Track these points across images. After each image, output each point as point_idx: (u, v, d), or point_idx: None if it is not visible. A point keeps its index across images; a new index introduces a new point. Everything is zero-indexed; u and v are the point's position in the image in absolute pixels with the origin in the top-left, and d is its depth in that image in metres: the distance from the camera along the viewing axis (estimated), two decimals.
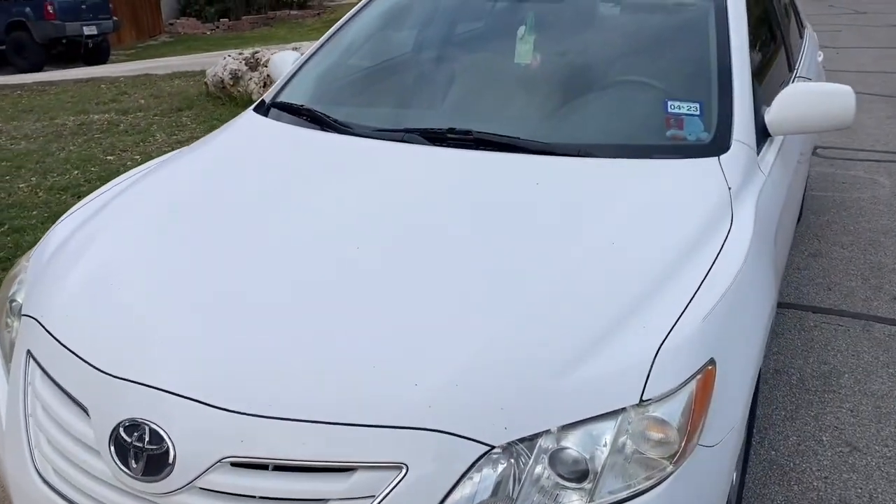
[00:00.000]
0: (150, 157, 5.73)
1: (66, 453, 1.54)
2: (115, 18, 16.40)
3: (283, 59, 2.99)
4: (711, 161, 2.04)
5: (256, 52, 7.68)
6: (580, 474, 1.37)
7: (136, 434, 1.43)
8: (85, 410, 1.52)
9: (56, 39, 14.59)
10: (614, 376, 1.41)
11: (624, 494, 1.37)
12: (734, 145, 2.10)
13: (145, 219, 2.00)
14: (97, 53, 15.95)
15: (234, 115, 7.07)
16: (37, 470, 1.60)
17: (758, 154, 2.19)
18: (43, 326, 1.69)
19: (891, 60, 9.44)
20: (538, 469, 1.37)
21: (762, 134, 2.26)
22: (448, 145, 2.19)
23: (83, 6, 15.32)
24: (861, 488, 2.40)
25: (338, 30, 2.96)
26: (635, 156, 2.07)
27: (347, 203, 1.92)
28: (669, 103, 2.22)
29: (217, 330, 1.53)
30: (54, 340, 1.64)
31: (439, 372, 1.40)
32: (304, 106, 2.56)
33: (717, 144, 2.10)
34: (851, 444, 2.60)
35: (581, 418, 1.38)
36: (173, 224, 1.94)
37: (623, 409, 1.39)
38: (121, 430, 1.44)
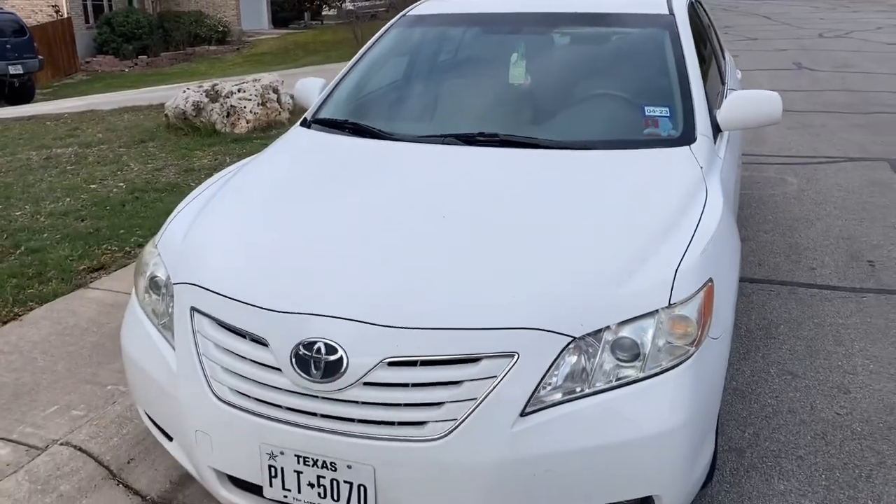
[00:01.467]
0: (134, 184, 6.12)
1: (247, 375, 2.03)
2: (40, 57, 16.34)
3: (309, 85, 3.53)
4: (685, 149, 2.71)
5: (216, 85, 8.10)
6: (633, 356, 1.98)
7: (313, 349, 1.94)
8: (262, 342, 2.02)
9: None
10: (650, 288, 2.03)
11: (663, 366, 1.98)
12: (699, 138, 2.78)
13: (260, 197, 2.54)
14: (22, 93, 15.84)
15: (200, 145, 7.53)
16: (214, 393, 2.08)
17: (714, 144, 2.88)
18: (205, 288, 2.18)
19: (782, 80, 10.64)
20: (604, 355, 1.96)
21: (715, 130, 2.96)
22: (479, 145, 2.79)
23: (7, 45, 15.25)
24: (803, 402, 3.10)
25: (360, 59, 3.54)
26: (629, 147, 2.73)
27: (422, 182, 2.50)
28: (646, 108, 2.90)
29: (360, 268, 2.07)
30: (221, 296, 2.13)
31: (533, 289, 1.99)
32: (348, 120, 3.12)
33: (687, 137, 2.78)
34: (792, 372, 3.31)
35: (630, 317, 1.98)
36: (288, 199, 2.49)
37: (658, 311, 2.01)
38: (301, 348, 1.95)
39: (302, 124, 3.26)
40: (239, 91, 7.88)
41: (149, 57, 26.43)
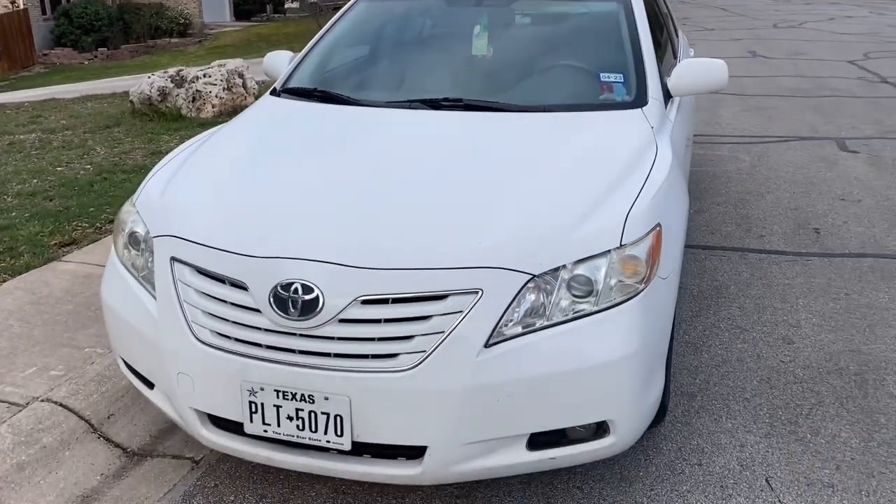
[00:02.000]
0: (101, 167, 6.15)
1: (227, 317, 2.15)
2: None
3: (277, 56, 3.65)
4: (638, 111, 2.89)
5: (181, 71, 8.12)
6: (587, 292, 2.14)
7: (291, 290, 2.07)
8: (241, 286, 2.14)
9: None
10: (603, 231, 2.19)
11: (615, 301, 2.14)
12: (650, 101, 2.96)
13: (235, 157, 2.67)
14: None
15: (166, 129, 7.56)
16: (195, 336, 2.19)
17: (665, 108, 3.06)
18: (184, 239, 2.29)
19: (738, 67, 10.94)
20: (561, 292, 2.12)
21: (666, 96, 3.14)
22: (445, 109, 2.94)
23: None
24: (751, 352, 3.30)
25: (327, 31, 3.65)
26: (586, 109, 2.90)
27: (389, 141, 2.65)
28: (602, 75, 3.07)
29: (333, 215, 2.21)
30: (200, 245, 2.25)
31: (495, 232, 2.14)
32: (317, 88, 3.24)
33: (639, 101, 2.96)
34: (741, 327, 3.52)
35: (585, 256, 2.14)
36: (261, 157, 2.62)
37: (610, 251, 2.17)
38: (279, 289, 2.08)
39: (272, 93, 3.37)
40: (204, 76, 7.92)
41: (109, 49, 26.04)
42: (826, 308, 3.67)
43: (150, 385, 2.45)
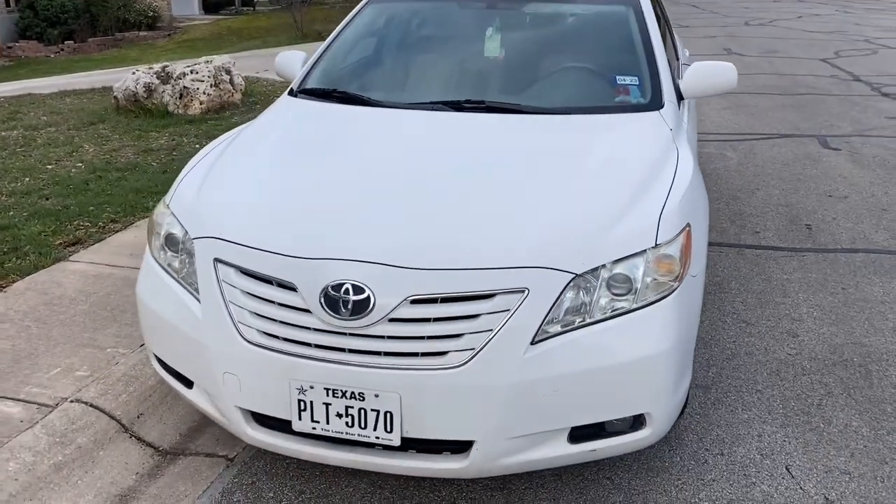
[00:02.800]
0: (92, 164, 6.09)
1: (275, 317, 2.19)
2: None
3: (291, 56, 3.67)
4: (655, 114, 2.98)
5: (167, 66, 8.05)
6: (626, 290, 2.22)
7: (341, 290, 2.12)
8: (290, 287, 2.18)
9: None
10: (639, 231, 2.28)
11: (651, 299, 2.23)
12: (666, 104, 3.05)
13: (267, 156, 2.72)
14: None
15: (154, 126, 7.51)
16: (242, 337, 2.23)
17: (679, 110, 3.16)
18: (227, 240, 2.32)
19: None
20: (601, 290, 2.20)
21: (679, 98, 3.24)
22: (467, 111, 3.00)
23: None
24: (758, 346, 3.42)
25: (339, 33, 3.69)
26: (604, 112, 2.98)
27: (421, 142, 2.71)
28: (618, 77, 3.15)
29: (378, 215, 2.27)
30: (245, 247, 2.28)
31: (538, 233, 2.21)
32: (336, 89, 3.28)
33: (656, 103, 3.04)
34: (746, 321, 3.64)
35: (623, 255, 2.22)
36: (296, 156, 2.69)
37: (646, 250, 2.25)
38: (329, 290, 2.13)
39: (290, 94, 3.40)
40: (191, 72, 7.86)
41: (76, 42, 25.53)
42: (825, 302, 3.81)
43: (189, 384, 2.48)
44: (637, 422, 2.27)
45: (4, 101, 9.90)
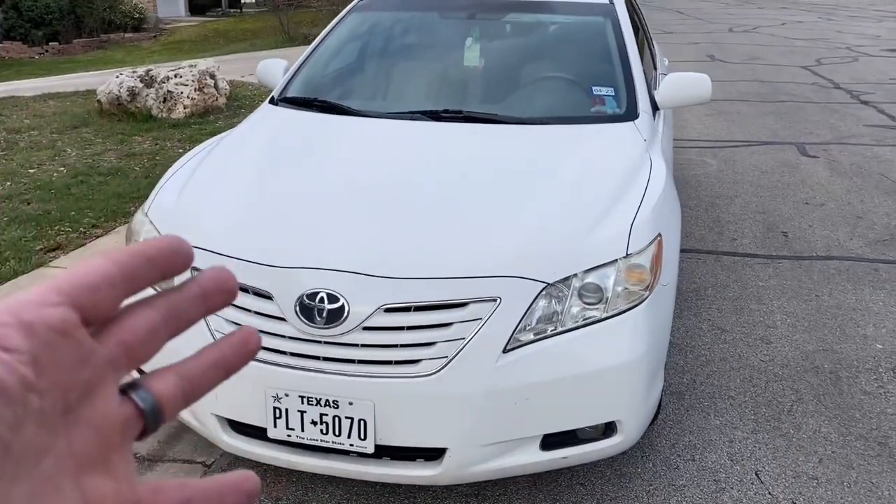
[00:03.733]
0: (75, 169, 6.08)
1: (252, 326, 2.22)
2: None
3: (272, 64, 3.69)
4: (630, 124, 3.02)
5: (150, 70, 8.04)
6: (597, 300, 2.26)
7: (316, 299, 2.15)
8: (265, 295, 2.21)
9: None
10: (610, 240, 2.32)
11: (622, 308, 2.27)
12: (641, 114, 3.10)
13: (245, 165, 2.74)
14: None
15: (137, 130, 7.49)
16: None
17: (654, 120, 3.21)
18: (204, 249, 2.34)
19: (698, 70, 11.21)
20: (573, 299, 2.24)
21: (654, 108, 3.29)
22: (445, 121, 3.03)
23: None
24: (732, 352, 3.47)
25: (320, 42, 3.71)
26: (580, 122, 3.02)
27: (397, 152, 2.74)
28: (594, 88, 3.20)
29: (352, 225, 2.29)
30: (221, 256, 2.30)
31: (510, 242, 2.25)
32: (317, 98, 3.31)
33: (630, 114, 3.09)
34: (721, 328, 3.69)
35: (594, 265, 2.27)
36: (272, 166, 2.70)
37: (617, 260, 2.30)
38: (304, 298, 2.15)
39: (270, 102, 3.42)
40: (175, 76, 7.86)
41: (60, 44, 25.38)
42: (799, 309, 3.87)
43: None
44: (609, 429, 2.31)
45: None
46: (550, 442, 2.26)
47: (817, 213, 5.27)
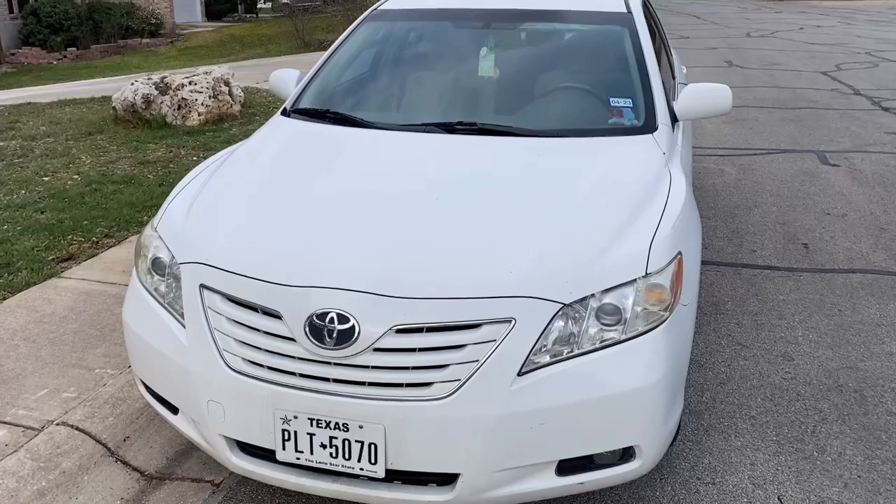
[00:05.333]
0: (89, 177, 6.08)
1: (260, 345, 2.17)
2: None
3: (285, 74, 3.66)
4: (649, 137, 2.95)
5: (165, 77, 8.05)
6: (615, 321, 2.19)
7: (326, 319, 2.09)
8: (275, 315, 2.16)
9: None
10: (629, 260, 2.25)
11: (641, 329, 2.20)
12: (660, 127, 3.03)
13: (256, 180, 2.69)
14: None
15: (152, 137, 7.50)
16: (227, 365, 2.20)
17: (673, 132, 3.13)
18: (214, 266, 2.30)
19: (716, 77, 11.13)
20: (590, 320, 2.17)
21: (673, 120, 3.21)
22: (459, 133, 2.98)
23: None
24: (753, 370, 3.39)
25: (333, 52, 3.67)
26: (597, 135, 2.95)
27: (411, 166, 2.69)
28: (612, 99, 3.13)
29: (364, 243, 2.24)
30: (231, 273, 2.25)
31: (525, 261, 2.19)
32: (329, 110, 3.26)
33: (649, 126, 3.02)
34: (741, 343, 3.60)
35: (613, 285, 2.20)
36: (283, 180, 2.65)
37: (636, 280, 2.23)
38: (314, 318, 2.10)
39: (282, 113, 3.38)
40: (190, 83, 7.86)
41: (78, 49, 25.63)
42: (821, 324, 3.78)
43: (174, 410, 2.45)
44: (626, 454, 2.24)
45: (4, 110, 9.91)
46: (566, 467, 2.19)
47: (839, 224, 5.16)
